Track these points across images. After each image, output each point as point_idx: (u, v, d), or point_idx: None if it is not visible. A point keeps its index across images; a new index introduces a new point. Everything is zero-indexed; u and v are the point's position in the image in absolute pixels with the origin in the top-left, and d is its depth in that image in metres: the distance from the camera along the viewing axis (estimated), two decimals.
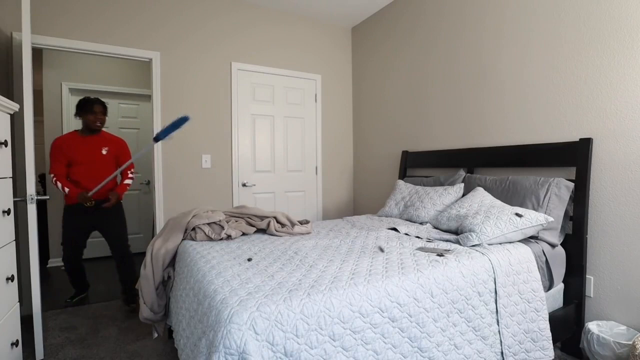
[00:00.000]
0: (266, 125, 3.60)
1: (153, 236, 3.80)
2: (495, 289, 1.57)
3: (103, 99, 4.32)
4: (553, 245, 1.94)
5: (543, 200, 1.99)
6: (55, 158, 2.59)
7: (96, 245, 4.20)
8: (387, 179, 3.62)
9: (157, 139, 2.19)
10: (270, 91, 3.62)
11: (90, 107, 2.67)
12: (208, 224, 2.01)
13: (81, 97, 2.84)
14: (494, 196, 2.25)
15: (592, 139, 1.98)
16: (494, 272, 1.59)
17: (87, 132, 2.72)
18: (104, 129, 2.86)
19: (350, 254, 1.68)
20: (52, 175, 2.58)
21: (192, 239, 1.97)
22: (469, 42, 2.71)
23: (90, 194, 2.55)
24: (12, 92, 2.56)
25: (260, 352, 1.04)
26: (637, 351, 1.54)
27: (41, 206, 3.95)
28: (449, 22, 2.87)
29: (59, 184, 2.56)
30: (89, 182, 2.67)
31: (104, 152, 2.75)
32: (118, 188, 2.76)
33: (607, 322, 1.90)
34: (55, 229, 3.91)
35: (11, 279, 1.70)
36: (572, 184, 1.99)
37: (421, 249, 1.75)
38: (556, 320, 1.85)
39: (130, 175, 2.85)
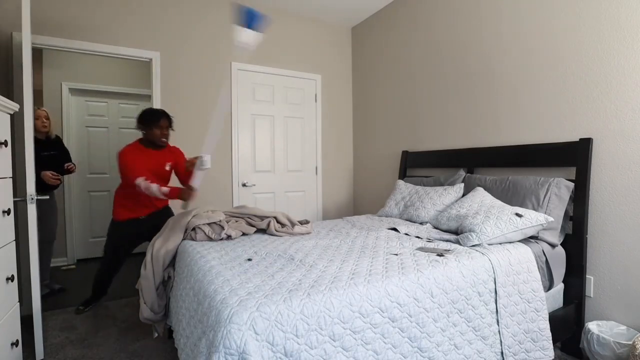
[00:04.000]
0: (266, 125, 3.60)
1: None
2: (495, 289, 1.57)
3: (102, 99, 4.27)
4: (553, 245, 1.94)
5: (543, 200, 1.99)
6: (135, 164, 2.33)
7: (98, 244, 4.20)
8: (387, 179, 3.62)
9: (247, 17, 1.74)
10: (270, 91, 3.62)
11: (157, 121, 2.43)
12: (208, 224, 2.01)
13: (140, 106, 2.59)
14: (494, 196, 2.25)
15: (592, 139, 1.98)
16: (494, 272, 1.59)
17: (150, 145, 2.48)
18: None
19: (350, 254, 1.68)
20: (140, 179, 2.24)
21: (192, 239, 1.97)
22: (468, 42, 2.71)
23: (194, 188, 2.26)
24: (12, 92, 2.56)
25: (260, 352, 1.04)
26: (637, 351, 1.54)
27: None
28: (449, 22, 2.87)
29: (153, 186, 2.24)
30: (148, 201, 2.49)
31: (167, 168, 2.53)
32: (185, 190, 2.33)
33: (607, 322, 1.90)
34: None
35: (11, 279, 1.70)
36: (572, 184, 1.99)
37: (421, 249, 1.75)
38: (556, 320, 1.85)
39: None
